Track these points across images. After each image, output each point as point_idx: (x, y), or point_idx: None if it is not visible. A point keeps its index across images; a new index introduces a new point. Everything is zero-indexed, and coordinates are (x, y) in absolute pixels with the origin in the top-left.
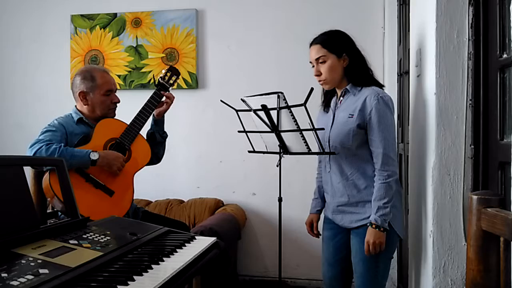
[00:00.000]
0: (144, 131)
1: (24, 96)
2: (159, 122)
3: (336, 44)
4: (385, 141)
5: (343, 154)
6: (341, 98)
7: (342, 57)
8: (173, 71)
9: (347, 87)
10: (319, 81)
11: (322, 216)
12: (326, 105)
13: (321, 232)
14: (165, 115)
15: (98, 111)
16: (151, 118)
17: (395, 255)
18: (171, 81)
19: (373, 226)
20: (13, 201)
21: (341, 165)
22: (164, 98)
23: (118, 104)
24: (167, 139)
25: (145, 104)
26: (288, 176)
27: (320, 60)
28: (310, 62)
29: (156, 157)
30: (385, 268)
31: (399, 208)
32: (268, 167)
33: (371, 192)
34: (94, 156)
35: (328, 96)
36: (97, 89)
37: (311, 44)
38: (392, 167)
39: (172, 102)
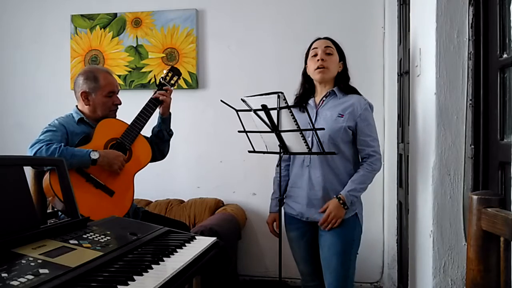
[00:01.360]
0: (145, 132)
1: (24, 96)
2: (166, 120)
3: (340, 50)
4: (376, 141)
5: (328, 150)
6: (324, 98)
7: (340, 62)
8: (175, 72)
9: (334, 89)
10: (320, 66)
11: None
12: (301, 104)
13: (277, 232)
14: None
15: (99, 112)
16: (158, 116)
17: (395, 254)
18: (172, 81)
19: (340, 201)
20: (13, 201)
21: (325, 160)
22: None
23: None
24: None
25: (146, 105)
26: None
27: (328, 51)
28: (314, 49)
29: (161, 154)
30: (354, 263)
31: (362, 203)
32: (268, 167)
33: None
34: (95, 155)
35: (304, 98)
36: (99, 90)
37: (320, 38)
38: (379, 164)
39: (169, 96)
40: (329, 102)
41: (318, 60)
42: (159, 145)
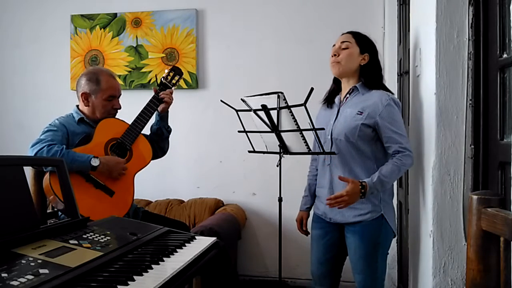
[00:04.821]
0: (145, 131)
1: (24, 96)
2: (164, 118)
3: (364, 40)
4: (403, 137)
5: (347, 148)
6: (348, 95)
7: (364, 54)
8: (176, 71)
9: (357, 85)
10: (333, 62)
11: (311, 214)
12: (329, 101)
13: (309, 231)
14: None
15: (98, 114)
16: (156, 114)
17: (395, 255)
18: (173, 81)
19: (362, 188)
20: (13, 201)
21: (345, 158)
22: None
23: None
24: None
25: (147, 104)
26: (288, 176)
27: (343, 46)
28: (334, 46)
29: (161, 151)
30: (383, 263)
31: (392, 205)
32: (268, 167)
33: None
34: (95, 162)
35: (333, 93)
36: (100, 93)
37: (344, 33)
38: (410, 160)
39: (170, 98)
40: (352, 100)
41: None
42: (159, 143)
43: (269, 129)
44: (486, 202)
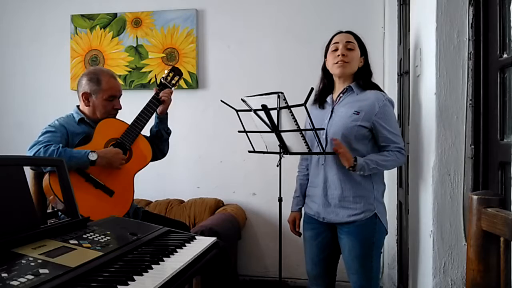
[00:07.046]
0: (145, 131)
1: (24, 96)
2: (163, 119)
3: (362, 45)
4: (399, 137)
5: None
6: (341, 95)
7: (361, 57)
8: (176, 71)
9: (352, 85)
10: (341, 61)
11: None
12: (320, 101)
13: (301, 232)
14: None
15: (98, 114)
16: (155, 116)
17: (395, 254)
18: (173, 81)
19: (353, 162)
20: (13, 201)
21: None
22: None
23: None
24: None
25: (147, 105)
26: (288, 176)
27: (349, 46)
28: (335, 43)
29: (161, 153)
30: (377, 263)
31: (384, 204)
32: (268, 167)
33: (366, 187)
34: (93, 156)
35: (324, 93)
36: (101, 93)
37: (341, 31)
38: (403, 159)
39: (169, 98)
40: (345, 99)
41: (338, 55)
42: (159, 145)
43: (269, 129)
44: (486, 202)
